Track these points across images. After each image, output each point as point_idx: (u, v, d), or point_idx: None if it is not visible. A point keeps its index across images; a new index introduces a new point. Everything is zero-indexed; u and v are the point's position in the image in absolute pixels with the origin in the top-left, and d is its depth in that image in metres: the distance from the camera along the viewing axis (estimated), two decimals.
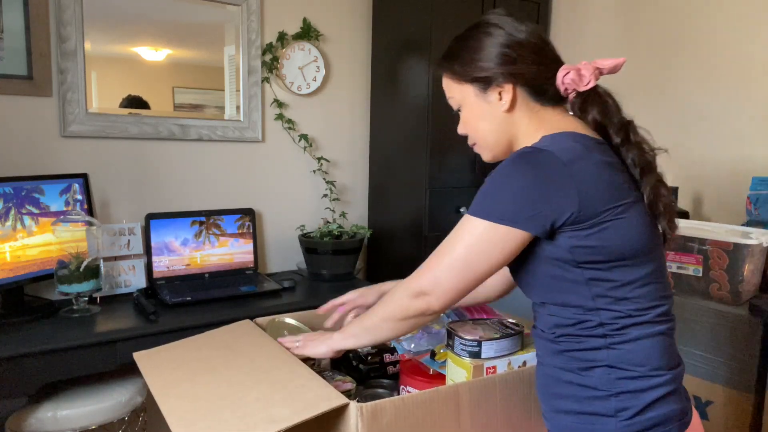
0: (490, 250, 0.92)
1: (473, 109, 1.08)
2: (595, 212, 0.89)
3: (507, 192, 0.92)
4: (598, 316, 0.92)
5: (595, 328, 0.93)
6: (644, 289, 0.93)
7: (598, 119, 0.99)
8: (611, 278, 0.92)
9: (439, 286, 0.95)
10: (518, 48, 1.01)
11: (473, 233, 0.93)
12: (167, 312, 1.85)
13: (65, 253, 1.82)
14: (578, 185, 0.89)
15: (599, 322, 0.92)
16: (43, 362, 1.58)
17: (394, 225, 2.54)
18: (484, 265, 0.93)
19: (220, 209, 2.28)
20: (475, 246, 0.92)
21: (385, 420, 0.94)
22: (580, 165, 0.90)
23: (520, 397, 1.10)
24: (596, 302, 0.92)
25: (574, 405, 0.95)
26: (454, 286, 0.94)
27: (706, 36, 2.11)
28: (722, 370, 1.59)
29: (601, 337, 0.93)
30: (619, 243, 0.91)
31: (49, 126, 1.99)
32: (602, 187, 0.90)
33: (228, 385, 1.03)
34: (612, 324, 0.92)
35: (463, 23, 1.01)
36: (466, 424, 1.04)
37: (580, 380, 0.94)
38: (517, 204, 0.90)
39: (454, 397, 1.02)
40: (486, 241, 0.92)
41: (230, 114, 2.35)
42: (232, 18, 2.30)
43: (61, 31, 1.95)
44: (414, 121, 2.38)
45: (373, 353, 1.31)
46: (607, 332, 0.92)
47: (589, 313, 0.93)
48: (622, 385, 0.92)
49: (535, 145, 0.95)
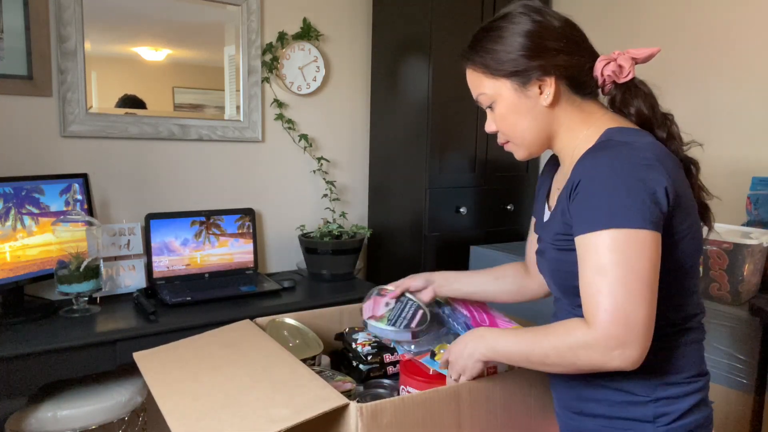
0: (647, 255, 0.82)
1: (510, 105, 0.98)
2: (678, 220, 0.86)
3: (622, 192, 0.83)
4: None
5: None
6: (692, 297, 0.92)
7: (645, 112, 0.94)
8: (672, 284, 0.88)
9: (634, 327, 0.80)
10: (556, 38, 0.94)
11: (617, 249, 0.81)
12: (167, 312, 1.85)
13: (65, 253, 1.82)
14: (674, 182, 0.85)
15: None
16: (43, 362, 1.58)
17: (394, 225, 2.54)
18: (653, 278, 0.82)
19: (220, 209, 2.28)
20: (631, 260, 0.81)
21: (385, 420, 0.94)
22: (669, 163, 0.86)
23: (521, 396, 1.10)
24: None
25: (606, 409, 0.92)
26: (646, 315, 0.81)
27: (706, 35, 2.11)
28: (722, 370, 1.59)
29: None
30: (689, 252, 0.89)
31: (49, 126, 1.99)
32: (686, 190, 0.88)
33: (228, 385, 1.03)
34: (657, 331, 0.86)
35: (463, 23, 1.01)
36: (466, 424, 1.04)
37: (615, 384, 0.91)
38: (637, 204, 0.82)
39: (454, 398, 1.02)
40: (637, 251, 0.81)
41: (230, 114, 2.35)
42: (232, 18, 2.30)
43: (61, 31, 1.95)
44: (414, 121, 2.38)
45: (373, 353, 1.31)
46: (655, 337, 0.85)
47: None
48: (662, 391, 0.89)
49: (613, 138, 0.89)
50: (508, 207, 2.58)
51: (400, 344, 1.23)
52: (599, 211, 0.83)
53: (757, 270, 1.67)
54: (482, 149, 2.45)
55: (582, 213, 0.85)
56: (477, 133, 2.42)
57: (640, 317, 0.80)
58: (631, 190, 0.82)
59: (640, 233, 0.81)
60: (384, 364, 1.31)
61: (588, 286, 0.83)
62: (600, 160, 0.85)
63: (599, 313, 0.81)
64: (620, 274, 0.80)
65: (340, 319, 1.50)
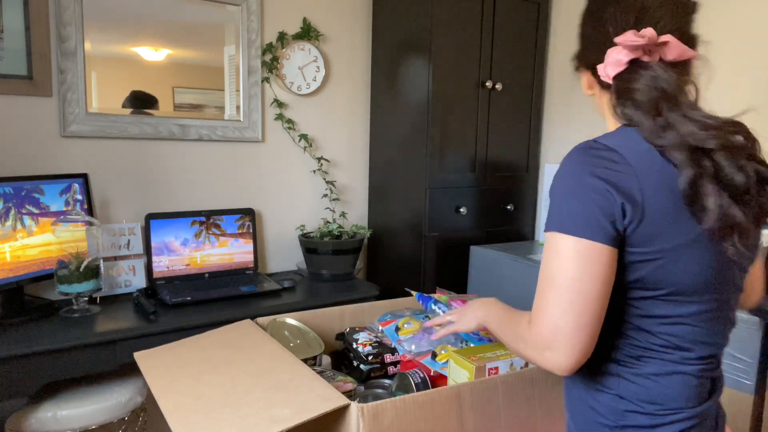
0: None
1: None
2: (639, 241, 0.80)
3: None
4: (614, 338, 0.84)
5: (606, 351, 0.85)
6: (677, 328, 0.83)
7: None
8: (637, 306, 0.83)
9: (559, 333, 0.79)
10: None
11: (559, 252, 0.80)
12: (167, 312, 1.85)
13: (65, 253, 1.82)
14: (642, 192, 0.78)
15: (613, 345, 0.85)
16: (43, 362, 1.58)
17: (394, 225, 2.54)
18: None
19: (220, 209, 2.28)
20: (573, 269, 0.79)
21: (386, 420, 0.94)
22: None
23: (524, 398, 1.10)
24: (618, 326, 0.84)
25: (581, 426, 0.90)
26: (575, 325, 0.79)
27: (704, 33, 2.11)
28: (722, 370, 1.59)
29: (612, 362, 0.85)
30: (658, 278, 0.80)
31: (49, 126, 1.99)
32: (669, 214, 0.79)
33: (229, 385, 1.03)
34: (626, 351, 0.84)
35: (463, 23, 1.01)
36: (467, 424, 1.04)
37: (589, 400, 0.88)
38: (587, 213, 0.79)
39: (455, 398, 1.02)
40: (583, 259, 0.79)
41: (230, 114, 2.35)
42: (232, 18, 2.30)
43: (61, 31, 1.95)
44: (414, 121, 2.38)
45: (374, 353, 1.31)
46: (620, 358, 0.84)
47: (605, 331, 0.83)
48: (630, 419, 0.84)
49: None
50: (508, 207, 2.58)
51: (401, 344, 1.24)
52: (550, 212, 0.83)
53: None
54: (482, 149, 2.45)
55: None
56: (477, 133, 2.42)
57: (568, 326, 0.77)
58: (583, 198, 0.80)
59: (586, 243, 0.78)
60: (385, 365, 1.31)
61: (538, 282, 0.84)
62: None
63: (533, 311, 0.83)
64: (557, 280, 0.79)
65: (341, 319, 1.50)
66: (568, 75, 2.53)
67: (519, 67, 2.52)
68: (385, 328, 1.37)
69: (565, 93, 2.56)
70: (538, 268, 2.01)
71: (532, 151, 2.64)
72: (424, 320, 1.36)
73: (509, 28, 2.46)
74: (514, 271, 2.12)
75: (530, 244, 2.47)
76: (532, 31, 2.55)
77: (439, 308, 1.35)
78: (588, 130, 2.42)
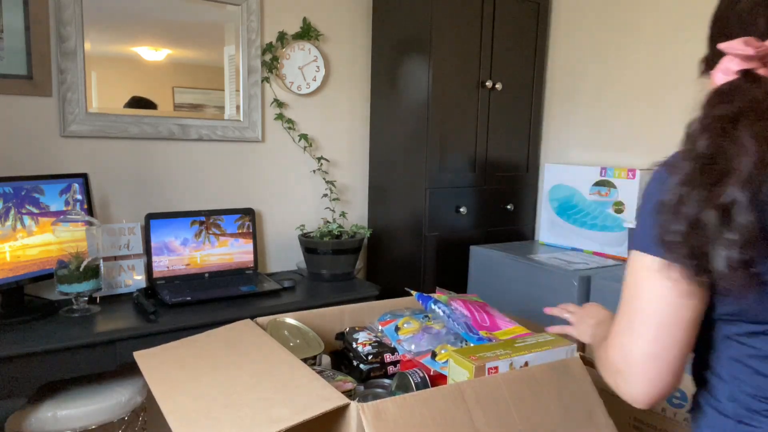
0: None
1: None
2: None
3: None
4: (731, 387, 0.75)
5: (725, 402, 0.76)
6: None
7: None
8: (752, 344, 0.73)
9: (629, 359, 0.74)
10: None
11: (633, 271, 0.75)
12: (167, 312, 1.85)
13: (65, 253, 1.82)
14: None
15: (730, 395, 0.76)
16: (43, 362, 1.58)
17: (394, 225, 2.54)
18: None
19: (220, 209, 2.28)
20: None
21: (386, 420, 0.94)
22: None
23: (530, 395, 1.09)
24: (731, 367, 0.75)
25: None
26: (645, 353, 0.74)
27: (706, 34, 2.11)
28: None
29: (729, 418, 0.76)
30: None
31: (49, 126, 1.99)
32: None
33: (229, 384, 1.03)
34: (748, 402, 0.74)
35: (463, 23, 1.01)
36: (467, 424, 1.04)
37: None
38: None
39: (457, 396, 1.02)
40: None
41: (230, 114, 2.35)
42: (232, 18, 2.30)
43: (61, 31, 1.95)
44: (414, 121, 2.38)
45: (374, 353, 1.31)
46: (739, 411, 0.74)
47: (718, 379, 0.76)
48: None
49: None
50: (508, 207, 2.58)
51: (401, 344, 1.24)
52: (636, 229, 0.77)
53: None
54: (482, 149, 2.45)
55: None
56: (477, 133, 2.42)
57: (637, 352, 0.73)
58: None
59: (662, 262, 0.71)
60: (384, 364, 1.31)
61: None
62: None
63: (610, 332, 0.79)
64: (627, 300, 0.75)
65: (341, 319, 1.51)
66: (568, 75, 2.53)
67: (519, 67, 2.52)
68: (385, 327, 1.37)
69: (565, 93, 2.56)
70: (538, 267, 2.01)
71: (532, 151, 2.64)
72: (424, 320, 1.36)
73: (509, 28, 2.46)
74: (514, 271, 2.12)
75: (530, 244, 2.47)
76: (532, 31, 2.55)
77: (439, 308, 1.35)
78: (588, 130, 2.41)
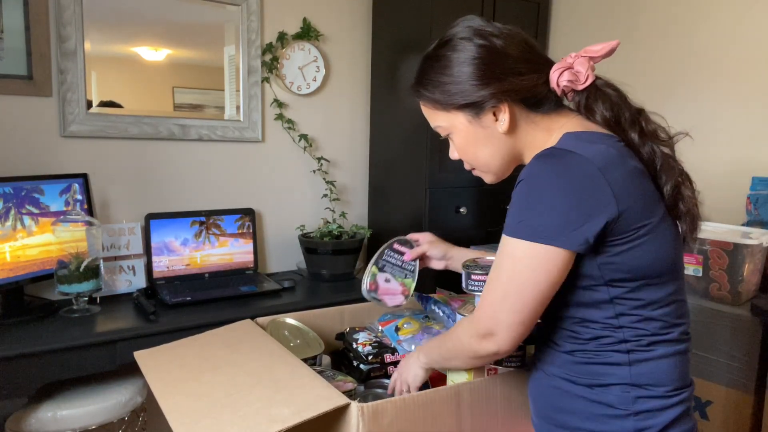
0: (534, 276, 0.84)
1: (468, 136, 0.98)
2: (629, 228, 0.83)
3: (541, 204, 0.83)
4: (621, 333, 0.87)
5: (617, 344, 0.88)
6: (668, 308, 0.89)
7: (608, 116, 0.90)
8: (637, 297, 0.87)
9: (500, 323, 0.87)
10: (503, 60, 0.91)
11: (514, 256, 0.85)
12: (167, 312, 1.85)
13: (65, 253, 1.82)
14: (617, 195, 0.82)
15: (622, 339, 0.87)
16: (43, 362, 1.58)
17: (394, 225, 2.54)
18: (534, 292, 0.84)
19: (220, 209, 2.28)
20: (519, 272, 0.84)
21: (386, 420, 0.94)
22: (616, 173, 0.83)
23: (523, 397, 1.10)
24: (620, 320, 0.87)
25: (585, 422, 0.89)
26: (516, 320, 0.86)
27: (708, 35, 2.11)
28: (722, 370, 1.60)
29: (624, 353, 0.88)
30: (649, 262, 0.85)
31: (49, 126, 1.99)
32: (639, 200, 0.84)
33: (229, 384, 1.03)
34: (636, 341, 0.87)
35: None
36: (467, 424, 1.04)
37: (594, 396, 0.89)
38: (554, 218, 0.82)
39: (455, 398, 1.02)
40: (527, 265, 0.84)
41: (230, 114, 2.35)
42: (232, 18, 2.30)
43: (61, 31, 1.95)
44: (414, 120, 2.37)
45: (374, 353, 1.31)
46: (631, 348, 0.87)
47: (612, 329, 0.88)
48: (643, 404, 0.87)
49: (560, 146, 0.87)
50: (508, 207, 2.57)
51: (401, 344, 1.24)
52: (512, 217, 0.87)
53: (756, 270, 1.67)
54: None
55: (508, 214, 0.89)
56: None
57: (510, 319, 0.86)
58: (554, 205, 0.82)
59: (541, 248, 0.83)
60: (385, 364, 1.31)
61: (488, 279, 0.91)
62: (532, 169, 0.85)
63: (479, 304, 0.91)
64: (505, 280, 0.86)
65: (341, 319, 1.51)
66: None
67: None
68: (385, 328, 1.37)
69: None
70: None
71: None
72: (424, 320, 1.37)
73: None
74: None
75: None
76: (532, 31, 2.55)
77: (439, 308, 1.35)
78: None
